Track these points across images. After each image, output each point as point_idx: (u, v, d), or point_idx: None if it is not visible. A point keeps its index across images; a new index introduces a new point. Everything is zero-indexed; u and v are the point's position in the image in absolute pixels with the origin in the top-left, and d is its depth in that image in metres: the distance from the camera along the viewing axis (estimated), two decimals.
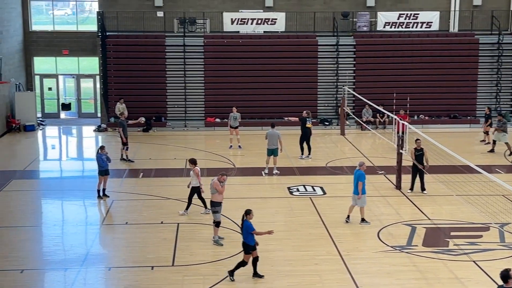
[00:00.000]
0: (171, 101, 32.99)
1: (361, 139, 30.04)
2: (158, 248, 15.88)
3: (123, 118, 25.40)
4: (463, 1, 34.99)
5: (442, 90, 33.35)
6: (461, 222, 17.88)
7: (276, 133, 23.19)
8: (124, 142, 24.83)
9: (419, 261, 15.14)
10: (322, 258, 15.22)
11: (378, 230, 17.15)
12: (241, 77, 32.88)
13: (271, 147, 23.11)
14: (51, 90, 35.78)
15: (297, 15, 34.10)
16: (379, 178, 22.44)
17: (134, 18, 33.71)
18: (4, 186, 21.64)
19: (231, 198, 18.77)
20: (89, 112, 36.01)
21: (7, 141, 29.62)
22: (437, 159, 21.84)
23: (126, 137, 24.78)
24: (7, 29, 31.52)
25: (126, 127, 24.94)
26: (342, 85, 32.50)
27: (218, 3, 34.57)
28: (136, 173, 23.43)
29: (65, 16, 38.54)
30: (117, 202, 19.78)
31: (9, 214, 18.82)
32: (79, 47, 34.90)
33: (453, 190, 19.93)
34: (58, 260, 15.33)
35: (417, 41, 33.73)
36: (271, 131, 23.30)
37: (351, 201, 17.77)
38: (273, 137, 23.08)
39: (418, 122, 31.74)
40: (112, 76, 32.83)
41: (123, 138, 24.71)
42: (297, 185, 21.69)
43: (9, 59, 31.44)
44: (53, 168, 25.90)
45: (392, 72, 33.22)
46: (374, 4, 34.76)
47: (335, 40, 33.48)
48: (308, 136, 25.44)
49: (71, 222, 18.21)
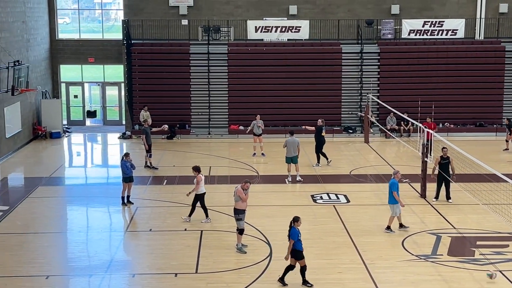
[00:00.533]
0: (195, 109, 33.12)
1: (385, 147, 29.87)
2: (182, 255, 15.92)
3: (147, 126, 25.54)
4: (489, 9, 34.70)
5: (468, 98, 33.04)
6: (487, 231, 17.67)
7: (296, 140, 23.22)
8: (147, 149, 24.97)
9: (444, 270, 14.98)
10: (346, 267, 15.14)
11: (403, 239, 17.01)
12: (265, 85, 32.91)
13: (290, 155, 23.12)
14: (76, 98, 36.13)
15: (321, 23, 34.09)
16: (404, 187, 22.26)
17: (159, 26, 33.98)
18: (30, 192, 21.88)
19: (254, 206, 18.77)
20: (114, 119, 36.30)
21: (33, 148, 29.96)
22: (462, 168, 21.63)
23: (149, 145, 24.91)
24: (34, 37, 31.95)
25: (149, 135, 25.09)
26: (366, 93, 32.37)
27: (242, 11, 34.69)
28: (160, 180, 23.54)
29: (91, 25, 38.99)
30: (141, 209, 19.89)
31: (35, 220, 19.02)
32: (104, 55, 35.26)
33: (479, 199, 19.70)
34: (83, 267, 15.44)
35: (442, 49, 33.51)
36: (291, 138, 23.32)
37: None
38: (293, 145, 23.10)
39: (443, 130, 31.49)
40: (137, 84, 33.07)
41: (145, 145, 24.85)
42: (321, 193, 21.62)
43: (36, 67, 31.85)
44: (78, 175, 26.13)
45: (416, 80, 33.01)
46: (399, 12, 34.62)
47: (359, 47, 33.39)
48: (323, 144, 25.46)
49: (96, 229, 18.35)
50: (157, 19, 34.08)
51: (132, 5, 34.41)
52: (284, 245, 15.36)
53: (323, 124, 25.62)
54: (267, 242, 16.70)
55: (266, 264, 15.30)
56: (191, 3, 34.48)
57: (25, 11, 30.54)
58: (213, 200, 20.53)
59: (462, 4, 34.84)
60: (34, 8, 32.11)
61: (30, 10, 31.38)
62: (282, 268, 14.80)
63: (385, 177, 23.71)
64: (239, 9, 34.72)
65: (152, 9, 34.45)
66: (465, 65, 33.20)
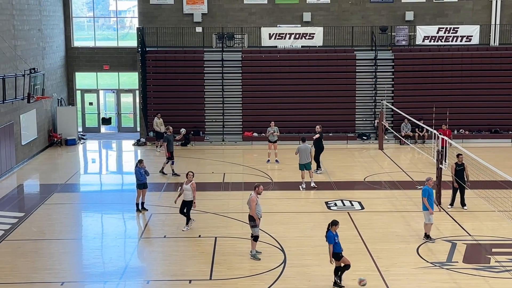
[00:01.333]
0: (209, 116, 33.21)
1: (399, 154, 29.76)
2: (196, 262, 15.95)
3: (169, 133, 25.62)
4: (504, 15, 34.55)
5: (483, 104, 32.87)
6: (503, 239, 17.55)
7: (308, 147, 23.33)
8: (168, 157, 25.03)
9: (459, 277, 14.89)
10: (361, 274, 15.06)
11: (418, 246, 16.94)
12: (279, 92, 32.95)
13: (303, 162, 23.17)
14: (91, 105, 36.36)
15: (335, 30, 34.11)
16: (418, 193, 22.14)
17: (173, 33, 34.16)
18: (46, 199, 22.02)
19: (268, 213, 18.77)
20: (129, 126, 36.47)
21: (49, 155, 30.16)
22: (478, 174, 21.51)
23: (171, 152, 24.98)
24: (50, 45, 32.23)
25: (171, 142, 25.17)
26: (381, 100, 32.31)
27: (256, 18, 34.80)
28: (175, 186, 23.61)
29: (106, 32, 39.27)
30: (155, 216, 19.95)
31: (50, 227, 19.14)
32: (119, 62, 35.48)
33: (495, 206, 19.58)
34: (98, 273, 15.51)
35: (457, 55, 33.38)
36: (303, 145, 23.39)
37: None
38: (305, 152, 23.14)
39: (458, 136, 31.33)
40: (152, 91, 33.24)
41: (167, 152, 24.92)
42: (335, 199, 21.59)
43: (51, 74, 32.11)
44: (94, 181, 26.27)
45: (431, 87, 32.90)
46: (413, 18, 34.55)
47: (373, 54, 33.36)
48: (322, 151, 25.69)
49: (111, 235, 18.43)
50: (172, 26, 34.27)
51: (147, 13, 34.62)
52: (298, 251, 15.37)
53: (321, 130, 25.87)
54: (281, 248, 16.69)
55: (280, 271, 15.28)
56: (205, 10, 34.64)
57: (41, 19, 30.83)
58: (227, 207, 20.58)
59: (476, 10, 34.71)
60: (50, 16, 32.41)
61: (46, 18, 31.67)
62: (296, 274, 14.81)
63: (400, 184, 23.64)
64: (253, 16, 34.83)
65: (167, 17, 34.66)
66: (480, 72, 33.06)
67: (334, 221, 14.45)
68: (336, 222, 14.46)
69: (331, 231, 14.32)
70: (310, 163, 23.20)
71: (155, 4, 34.58)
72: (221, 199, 21.62)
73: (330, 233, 14.32)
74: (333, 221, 14.47)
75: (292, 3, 34.72)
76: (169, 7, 34.67)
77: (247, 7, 34.77)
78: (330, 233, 14.31)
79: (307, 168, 23.19)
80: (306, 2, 34.67)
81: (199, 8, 34.60)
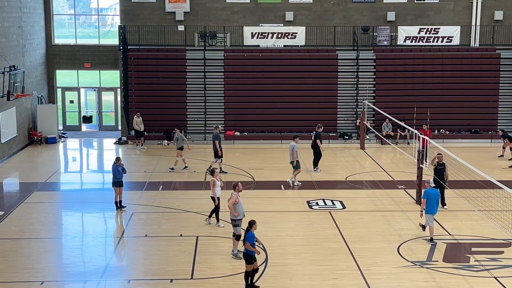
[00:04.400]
0: (191, 114, 33.14)
1: (381, 154, 29.91)
2: (178, 261, 15.91)
3: (218, 131, 25.61)
4: (484, 16, 34.85)
5: (463, 104, 33.15)
6: (482, 238, 17.71)
7: (290, 145, 23.61)
8: (220, 155, 24.95)
9: (439, 276, 15.00)
10: (342, 273, 15.14)
11: (398, 245, 17.03)
12: (261, 91, 32.96)
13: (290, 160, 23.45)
14: (72, 103, 36.11)
15: (317, 29, 34.18)
16: (400, 193, 22.32)
17: (155, 32, 34.02)
18: (25, 198, 21.83)
19: (250, 212, 18.71)
20: (110, 125, 36.28)
21: (29, 153, 29.91)
22: (458, 174, 21.67)
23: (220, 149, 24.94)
24: (30, 43, 31.95)
25: (220, 139, 25.21)
26: (362, 99, 32.44)
27: (239, 17, 34.77)
28: (156, 185, 23.52)
29: (87, 30, 39.01)
30: (136, 215, 19.86)
31: (30, 225, 18.97)
32: (100, 60, 35.26)
33: (474, 205, 19.75)
34: (78, 272, 15.41)
35: (438, 56, 33.63)
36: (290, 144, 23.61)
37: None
38: (290, 150, 23.45)
39: (438, 136, 31.58)
40: (133, 89, 33.08)
41: (219, 150, 24.87)
42: (317, 199, 21.64)
43: (31, 72, 31.84)
44: (74, 180, 26.10)
45: (412, 87, 33.11)
46: (395, 19, 34.73)
47: (355, 54, 33.49)
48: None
49: (91, 234, 18.32)
50: (154, 24, 34.12)
51: (129, 11, 34.44)
52: (279, 251, 15.37)
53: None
54: (262, 248, 16.69)
55: (262, 270, 15.28)
56: (188, 9, 34.54)
57: (21, 16, 30.55)
58: (209, 206, 20.54)
59: (457, 11, 34.98)
60: (30, 14, 32.12)
61: (26, 16, 31.39)
62: (278, 273, 14.83)
63: (381, 184, 23.77)
64: (236, 15, 34.79)
65: (149, 15, 34.51)
66: (460, 72, 33.33)
67: (252, 221, 14.25)
68: (254, 222, 14.24)
69: (251, 231, 14.08)
70: (293, 162, 23.27)
71: (137, 2, 34.39)
72: (202, 198, 21.57)
73: (250, 233, 14.04)
74: (251, 221, 14.27)
75: (275, 2, 34.73)
76: (151, 5, 34.51)
77: (230, 6, 34.73)
78: (251, 233, 14.04)
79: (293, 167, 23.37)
80: (289, 1, 34.71)
81: (182, 6, 34.50)
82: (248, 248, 13.98)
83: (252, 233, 14.11)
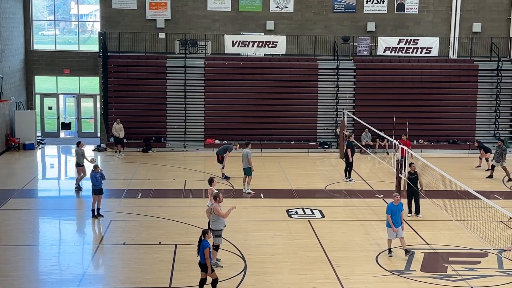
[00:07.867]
0: (171, 122, 33.07)
1: (360, 163, 30.01)
2: (156, 269, 15.81)
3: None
4: (463, 28, 35.28)
5: (441, 115, 33.46)
6: (460, 248, 17.84)
7: (243, 152, 23.68)
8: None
9: (417, 286, 15.07)
10: (320, 282, 15.15)
11: (377, 254, 17.09)
12: (241, 99, 32.99)
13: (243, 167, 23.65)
14: (51, 109, 35.85)
15: (298, 39, 34.32)
16: (378, 202, 22.43)
17: (136, 39, 33.92)
18: (2, 204, 21.59)
19: (230, 220, 18.68)
20: (89, 131, 36.06)
21: (6, 159, 29.61)
22: (436, 184, 21.84)
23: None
24: (9, 48, 31.68)
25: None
26: (342, 109, 32.61)
27: (220, 25, 34.80)
28: (135, 193, 23.39)
29: (67, 36, 38.78)
30: (115, 222, 19.72)
31: (7, 233, 18.75)
32: (80, 66, 35.07)
33: (452, 215, 19.90)
34: (55, 280, 15.25)
35: (417, 66, 33.92)
36: (244, 150, 23.82)
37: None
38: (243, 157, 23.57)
39: (417, 146, 31.80)
40: (113, 96, 32.93)
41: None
42: (296, 208, 21.66)
43: (10, 77, 31.57)
44: (52, 187, 25.87)
45: (391, 97, 33.37)
46: (375, 29, 35.01)
47: (335, 63, 33.67)
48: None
49: (69, 242, 18.16)
50: (134, 31, 34.03)
51: (109, 17, 34.33)
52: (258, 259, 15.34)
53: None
54: (241, 256, 16.66)
55: (241, 279, 15.25)
56: (169, 16, 34.52)
57: (0, 21, 30.30)
58: (188, 214, 20.48)
59: (436, 23, 35.37)
60: (10, 19, 31.87)
61: (5, 20, 31.14)
62: (256, 282, 14.81)
63: (360, 193, 23.87)
64: (217, 23, 34.82)
65: (129, 22, 34.42)
66: (439, 83, 33.65)
67: (205, 230, 14.23)
68: (207, 231, 14.21)
69: (206, 240, 13.99)
70: (246, 168, 23.40)
71: (118, 8, 34.32)
72: (182, 206, 21.50)
73: (205, 242, 13.95)
74: (205, 230, 14.26)
75: (256, 11, 34.85)
76: (131, 12, 34.44)
77: (211, 14, 34.76)
78: (205, 242, 13.95)
79: (245, 174, 23.51)
80: (270, 10, 34.85)
81: (163, 14, 34.47)
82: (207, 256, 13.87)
83: (207, 241, 13.99)
